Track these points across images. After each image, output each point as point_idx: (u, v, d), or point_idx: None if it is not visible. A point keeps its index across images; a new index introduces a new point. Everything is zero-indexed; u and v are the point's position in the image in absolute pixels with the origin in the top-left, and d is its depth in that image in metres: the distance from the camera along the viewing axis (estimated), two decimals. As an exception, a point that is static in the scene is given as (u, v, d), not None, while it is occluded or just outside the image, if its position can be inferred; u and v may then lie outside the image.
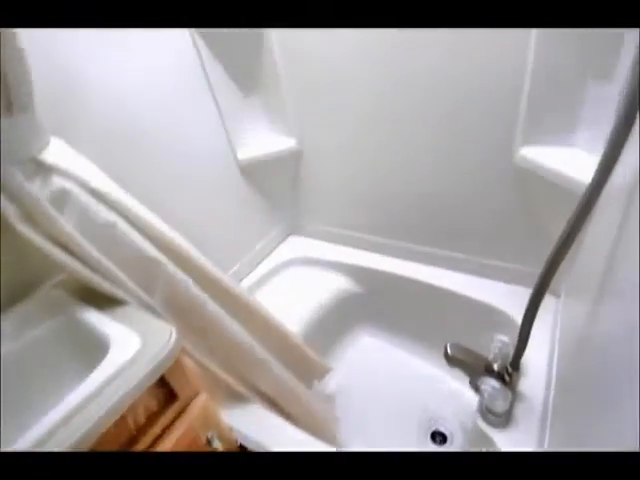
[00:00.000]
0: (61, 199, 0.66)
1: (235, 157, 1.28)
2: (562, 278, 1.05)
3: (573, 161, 0.86)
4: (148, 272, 0.73)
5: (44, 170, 0.64)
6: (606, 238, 0.66)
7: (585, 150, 0.86)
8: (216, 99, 1.16)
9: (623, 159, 0.54)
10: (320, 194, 1.43)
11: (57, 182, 0.65)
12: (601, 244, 0.70)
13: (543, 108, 0.86)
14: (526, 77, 0.84)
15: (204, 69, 1.11)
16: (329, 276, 1.44)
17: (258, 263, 1.49)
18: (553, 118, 0.87)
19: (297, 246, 1.56)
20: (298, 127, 1.27)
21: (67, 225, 0.65)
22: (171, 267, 0.74)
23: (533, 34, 0.80)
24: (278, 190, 1.46)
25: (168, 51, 1.02)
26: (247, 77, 1.20)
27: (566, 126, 0.86)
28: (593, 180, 0.58)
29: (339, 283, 1.42)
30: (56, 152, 0.67)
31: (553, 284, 0.75)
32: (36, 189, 0.63)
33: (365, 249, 1.43)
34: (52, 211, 0.63)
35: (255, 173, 1.36)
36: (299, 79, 1.16)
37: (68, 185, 0.66)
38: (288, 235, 1.61)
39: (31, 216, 0.64)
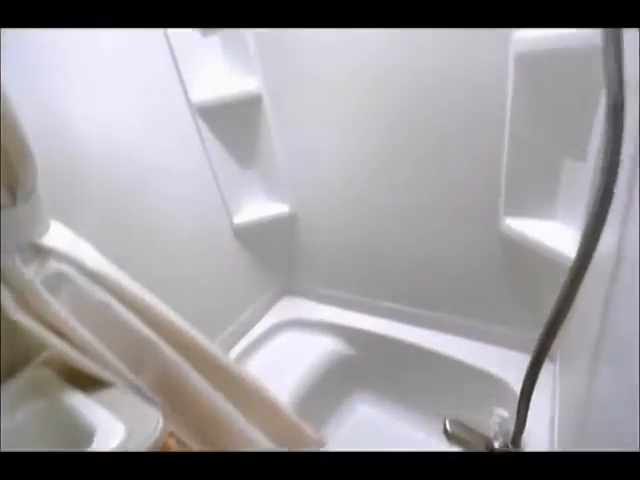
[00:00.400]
0: (57, 282, 0.67)
1: (231, 222, 1.32)
2: (557, 342, 1.04)
3: (553, 233, 0.89)
4: (139, 352, 0.72)
5: (42, 254, 0.66)
6: (597, 299, 0.67)
7: (565, 223, 0.90)
8: (214, 171, 1.22)
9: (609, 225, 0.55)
10: (315, 256, 1.45)
11: (54, 266, 0.67)
12: (593, 306, 0.71)
13: (522, 184, 0.90)
14: (504, 155, 0.90)
15: (203, 144, 1.17)
16: (324, 340, 1.42)
17: (252, 325, 1.47)
18: (532, 193, 0.91)
19: (291, 307, 1.55)
20: (293, 192, 1.32)
21: (61, 309, 0.66)
22: (162, 346, 0.73)
23: (508, 110, 0.86)
24: (272, 252, 1.49)
25: (169, 129, 1.10)
26: (244, 150, 1.27)
27: (545, 200, 0.91)
28: (579, 253, 0.60)
29: (334, 347, 1.40)
30: (55, 236, 0.69)
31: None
32: (32, 273, 0.64)
33: (361, 311, 1.42)
34: (47, 295, 0.64)
35: (250, 236, 1.39)
36: (294, 148, 1.23)
37: (64, 268, 0.67)
38: (282, 296, 1.61)
39: (26, 301, 0.64)
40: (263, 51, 1.09)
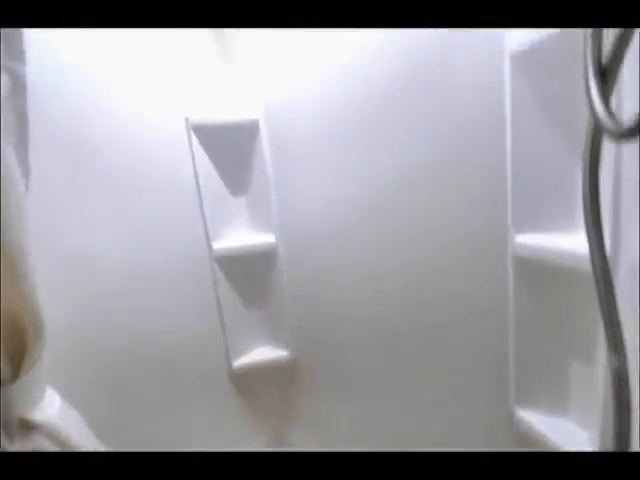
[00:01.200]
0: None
1: (229, 365, 1.29)
2: None
3: (566, 434, 0.84)
4: None
5: (28, 430, 0.64)
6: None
7: (579, 425, 0.85)
8: (222, 314, 1.24)
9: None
10: (311, 409, 1.37)
11: (37, 442, 0.64)
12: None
13: (530, 379, 0.89)
14: (510, 351, 0.90)
15: (216, 289, 1.22)
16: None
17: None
18: (541, 389, 0.89)
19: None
20: (294, 339, 1.31)
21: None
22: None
23: (510, 308, 0.88)
24: (267, 398, 1.42)
25: (186, 272, 1.16)
26: (254, 295, 1.31)
27: (556, 398, 0.88)
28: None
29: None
30: (45, 405, 0.67)
31: None
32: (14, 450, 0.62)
33: None
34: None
35: (245, 380, 1.34)
36: (303, 295, 1.26)
37: (47, 445, 0.65)
38: (272, 447, 1.48)
39: (-3, 483, 0.60)
40: (281, 213, 1.20)
